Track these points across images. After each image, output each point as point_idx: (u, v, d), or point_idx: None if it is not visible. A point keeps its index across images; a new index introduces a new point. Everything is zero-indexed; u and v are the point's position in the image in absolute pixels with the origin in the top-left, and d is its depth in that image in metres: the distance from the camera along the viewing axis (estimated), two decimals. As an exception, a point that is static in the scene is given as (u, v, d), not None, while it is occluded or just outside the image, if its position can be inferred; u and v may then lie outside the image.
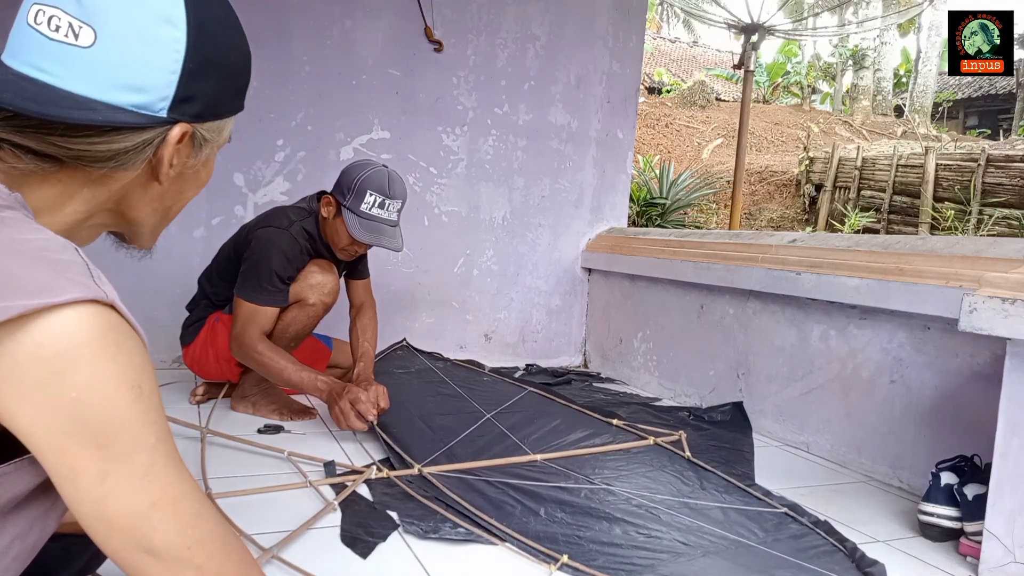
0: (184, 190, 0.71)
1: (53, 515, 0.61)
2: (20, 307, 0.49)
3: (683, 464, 1.87)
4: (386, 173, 2.00)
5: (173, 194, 0.70)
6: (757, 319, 2.37)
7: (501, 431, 1.99)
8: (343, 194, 1.97)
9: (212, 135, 0.68)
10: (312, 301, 2.02)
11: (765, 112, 15.73)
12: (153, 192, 0.68)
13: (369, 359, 2.12)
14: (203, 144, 0.68)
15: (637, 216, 7.75)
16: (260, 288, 1.94)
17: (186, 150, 0.66)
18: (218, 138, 0.70)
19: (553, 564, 1.27)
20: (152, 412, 0.55)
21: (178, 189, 0.70)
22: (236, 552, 0.60)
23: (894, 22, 15.59)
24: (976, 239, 1.79)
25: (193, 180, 0.71)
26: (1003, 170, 8.42)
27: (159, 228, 0.73)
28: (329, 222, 2.03)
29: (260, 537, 1.28)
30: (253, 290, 1.94)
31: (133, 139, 0.61)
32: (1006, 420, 1.35)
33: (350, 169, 2.01)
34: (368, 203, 1.95)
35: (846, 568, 1.35)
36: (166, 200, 0.70)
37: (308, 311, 2.02)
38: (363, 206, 1.95)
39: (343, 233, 2.00)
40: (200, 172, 0.71)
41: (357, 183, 1.96)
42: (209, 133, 0.67)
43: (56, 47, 0.57)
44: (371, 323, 2.22)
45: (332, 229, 2.03)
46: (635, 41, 3.37)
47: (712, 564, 1.33)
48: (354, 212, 1.96)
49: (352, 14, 2.82)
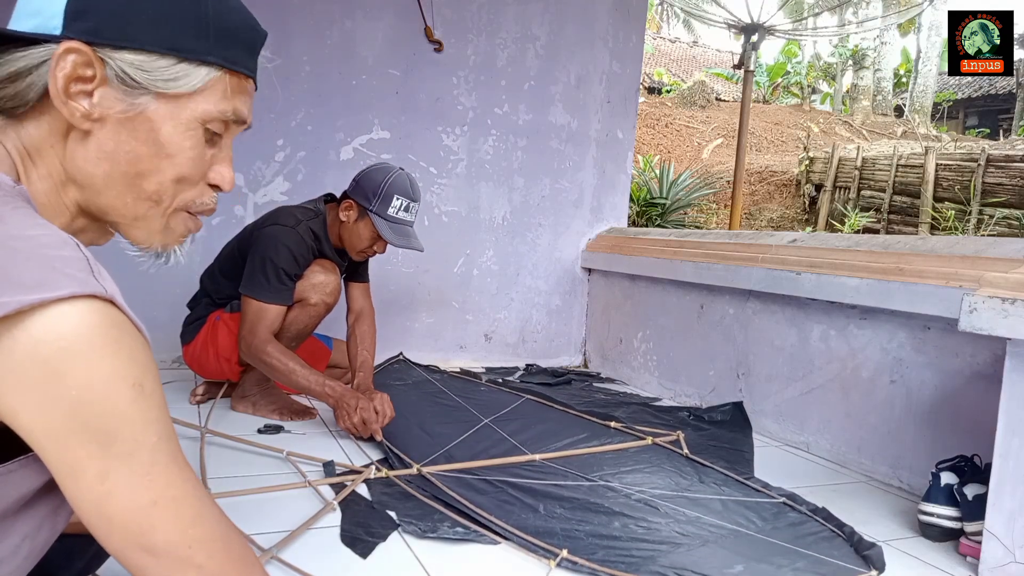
0: (137, 152, 0.63)
1: (62, 514, 0.60)
2: (16, 303, 0.48)
3: (681, 461, 1.87)
4: (407, 177, 2.06)
5: (123, 155, 0.63)
6: (757, 319, 2.37)
7: (499, 436, 1.99)
8: (367, 199, 2.01)
9: (144, 75, 0.61)
10: (314, 300, 2.02)
11: (765, 112, 15.72)
12: (92, 146, 0.62)
13: (368, 369, 2.12)
14: (134, 85, 0.61)
15: (637, 216, 7.75)
16: (267, 285, 1.94)
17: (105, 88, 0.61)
18: (164, 85, 0.62)
19: (553, 559, 1.27)
20: (154, 410, 0.54)
21: (129, 150, 0.63)
22: (238, 551, 0.60)
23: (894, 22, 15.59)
24: (976, 239, 1.79)
25: (145, 140, 0.63)
26: (1003, 170, 8.42)
27: (141, 213, 0.66)
28: (348, 226, 2.05)
29: (259, 537, 1.28)
30: (260, 288, 1.94)
31: (25, 60, 0.59)
32: (1006, 420, 1.35)
33: (373, 174, 2.04)
34: (395, 207, 2.01)
35: (844, 552, 1.36)
36: (118, 162, 0.63)
37: (310, 311, 2.03)
38: (391, 210, 2.00)
39: (366, 236, 2.04)
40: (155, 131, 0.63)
41: (384, 188, 2.00)
42: (136, 70, 0.61)
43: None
44: (369, 331, 2.21)
45: (352, 233, 2.06)
46: (635, 41, 3.37)
47: (711, 553, 1.33)
48: (382, 217, 2.00)
49: (352, 14, 2.82)
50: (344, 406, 1.88)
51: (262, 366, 1.92)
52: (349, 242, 2.08)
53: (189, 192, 0.68)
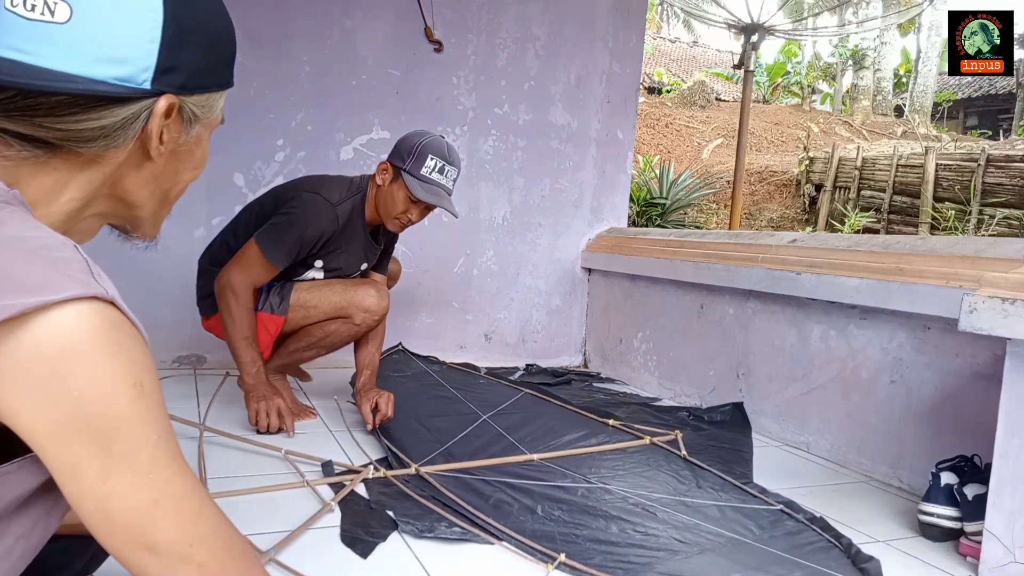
0: (179, 171, 0.70)
1: (56, 513, 0.61)
2: (20, 305, 0.49)
3: (679, 463, 1.87)
4: (444, 141, 2.03)
5: (169, 175, 0.69)
6: (757, 319, 2.37)
7: (498, 432, 1.99)
8: (402, 159, 1.98)
9: (201, 111, 0.67)
10: (358, 321, 2.05)
11: (765, 112, 15.72)
12: (147, 173, 0.67)
13: (374, 369, 2.10)
14: (193, 120, 0.67)
15: (637, 216, 7.75)
16: (280, 243, 1.93)
17: (175, 125, 0.65)
18: (209, 115, 0.69)
19: (551, 563, 1.27)
20: (154, 409, 0.55)
21: (173, 170, 0.70)
22: (239, 550, 0.60)
23: (894, 22, 15.59)
24: (976, 239, 1.79)
25: (188, 160, 0.70)
26: (1003, 170, 8.41)
27: (160, 214, 0.73)
28: (383, 189, 2.03)
29: (258, 537, 1.28)
30: (272, 242, 1.93)
31: (119, 113, 0.60)
32: (1006, 420, 1.35)
33: (409, 136, 2.03)
34: (429, 167, 1.97)
35: (842, 564, 1.35)
36: (162, 182, 0.69)
37: (352, 329, 2.06)
38: (423, 169, 1.97)
39: (400, 199, 2.00)
40: (194, 152, 0.70)
41: (418, 148, 1.97)
42: (198, 108, 0.67)
43: (34, 26, 0.57)
44: (379, 328, 2.16)
45: (387, 197, 2.02)
46: (635, 41, 3.37)
47: (709, 561, 1.33)
48: (414, 175, 1.97)
49: (352, 14, 2.82)
50: (258, 397, 1.90)
51: (221, 303, 1.92)
52: (384, 208, 2.04)
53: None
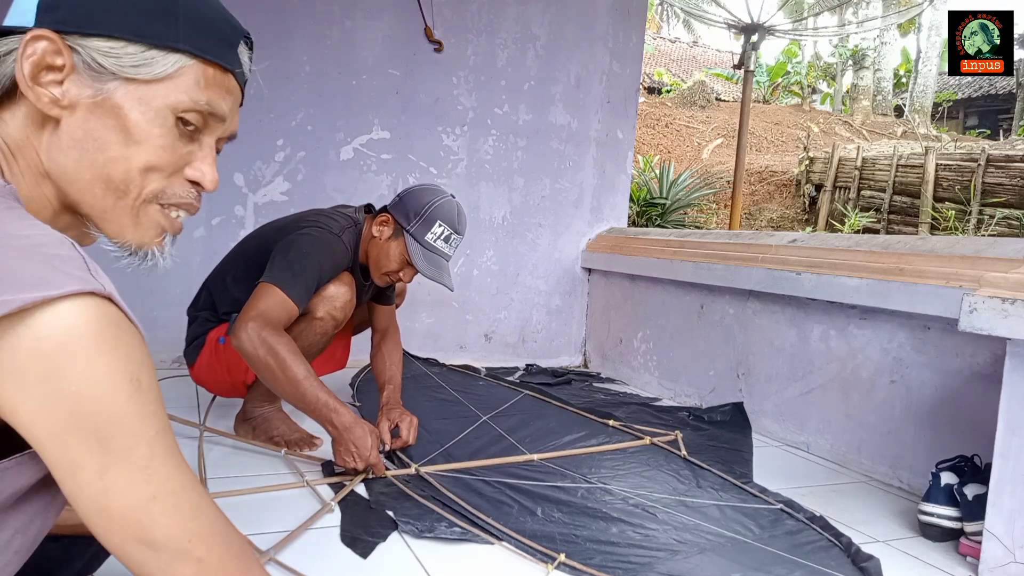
0: (105, 140, 0.63)
1: (53, 508, 0.61)
2: (19, 301, 0.49)
3: (679, 463, 1.87)
4: (456, 205, 1.86)
5: (91, 144, 0.63)
6: (757, 319, 2.37)
7: (498, 433, 1.99)
8: (407, 218, 1.81)
9: (112, 61, 0.61)
10: (320, 314, 1.78)
11: (765, 112, 15.72)
12: (64, 137, 0.63)
13: (397, 385, 1.98)
14: (101, 72, 0.62)
15: (637, 216, 7.75)
16: (298, 281, 1.68)
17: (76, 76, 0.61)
18: (134, 72, 0.62)
19: (551, 563, 1.27)
20: (151, 405, 0.55)
21: (95, 137, 0.63)
22: (237, 546, 0.60)
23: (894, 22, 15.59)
24: (976, 239, 1.79)
25: (112, 126, 0.63)
26: (1003, 170, 8.41)
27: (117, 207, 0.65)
28: (379, 243, 1.85)
29: (257, 537, 1.28)
30: (289, 281, 1.66)
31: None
32: (1006, 420, 1.35)
33: (420, 193, 1.85)
34: (435, 234, 1.80)
35: (842, 563, 1.35)
36: (86, 149, 0.63)
37: (315, 326, 1.78)
38: (429, 235, 1.80)
39: (395, 258, 1.84)
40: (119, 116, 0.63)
41: (427, 210, 1.80)
42: (104, 57, 0.61)
43: None
44: (396, 348, 2.05)
45: (382, 251, 1.85)
46: (635, 41, 3.37)
47: (709, 561, 1.33)
48: (418, 240, 1.80)
49: (352, 14, 2.82)
50: (352, 443, 1.58)
51: (259, 358, 1.55)
52: (375, 260, 1.86)
53: (158, 182, 0.66)
